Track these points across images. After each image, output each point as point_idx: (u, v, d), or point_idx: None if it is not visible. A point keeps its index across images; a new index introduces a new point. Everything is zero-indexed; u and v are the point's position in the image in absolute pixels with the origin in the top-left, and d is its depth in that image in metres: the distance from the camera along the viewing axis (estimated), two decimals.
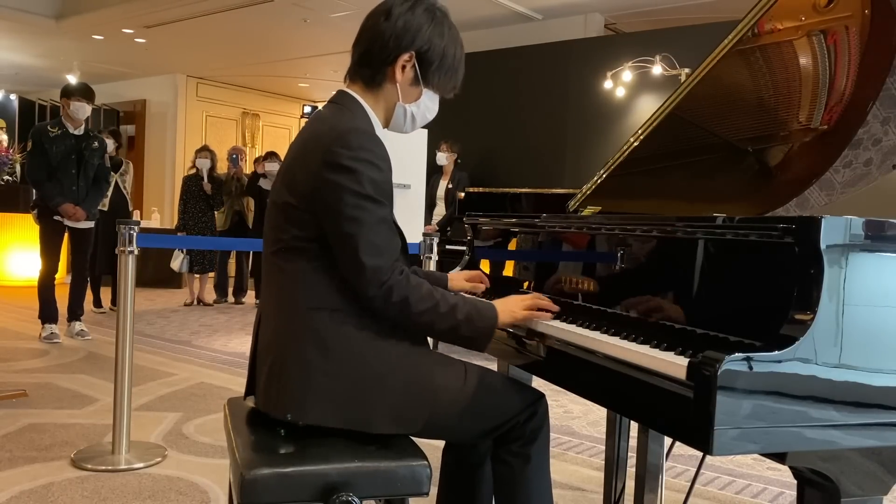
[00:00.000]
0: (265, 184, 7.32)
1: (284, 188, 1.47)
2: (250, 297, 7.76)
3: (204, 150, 7.37)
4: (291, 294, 1.44)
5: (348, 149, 1.37)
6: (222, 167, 7.86)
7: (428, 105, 1.57)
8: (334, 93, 1.55)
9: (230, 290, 7.76)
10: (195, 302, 7.41)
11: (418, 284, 1.41)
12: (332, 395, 1.40)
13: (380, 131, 1.52)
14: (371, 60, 1.50)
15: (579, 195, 2.07)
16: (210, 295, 7.57)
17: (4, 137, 7.13)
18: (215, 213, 7.38)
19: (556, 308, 1.59)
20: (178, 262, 7.31)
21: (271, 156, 7.47)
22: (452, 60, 1.54)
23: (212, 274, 7.65)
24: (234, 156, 7.65)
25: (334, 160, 1.37)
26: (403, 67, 1.50)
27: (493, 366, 1.99)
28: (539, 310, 1.56)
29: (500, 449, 1.56)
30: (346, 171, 1.36)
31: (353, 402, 1.40)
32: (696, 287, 1.34)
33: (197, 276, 7.44)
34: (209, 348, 5.13)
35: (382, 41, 1.48)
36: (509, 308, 1.53)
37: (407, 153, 5.02)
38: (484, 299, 1.64)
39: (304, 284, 1.43)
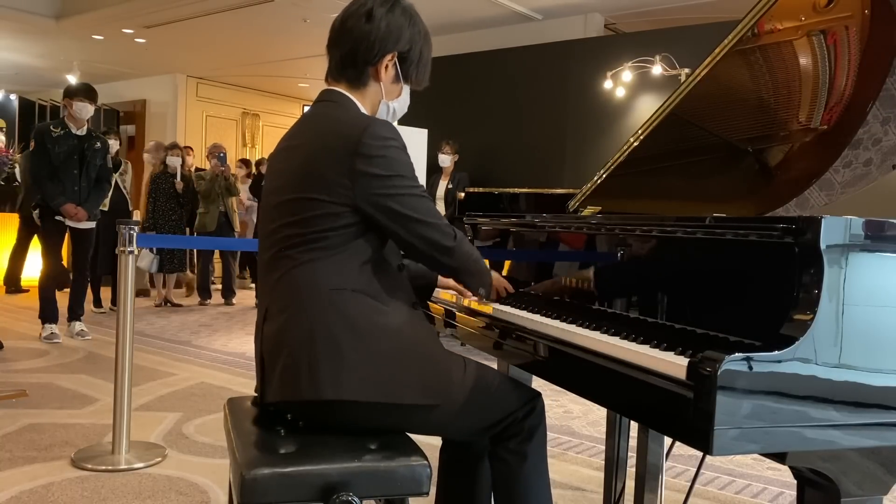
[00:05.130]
0: None
1: (299, 186, 1.48)
2: (245, 297, 7.71)
3: (175, 148, 7.23)
4: (310, 281, 1.45)
5: (377, 138, 1.45)
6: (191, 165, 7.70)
7: (405, 100, 1.67)
8: (321, 92, 1.63)
9: (222, 291, 7.62)
10: (164, 303, 7.25)
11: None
12: (366, 370, 1.41)
13: None
14: (356, 61, 1.57)
15: (579, 195, 2.07)
16: (177, 296, 7.46)
17: (2, 138, 7.10)
18: (199, 213, 7.23)
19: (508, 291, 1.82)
20: (146, 261, 7.02)
21: None
22: (427, 57, 1.65)
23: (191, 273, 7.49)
24: (221, 154, 7.36)
25: (369, 152, 1.44)
26: (386, 67, 1.58)
27: (494, 366, 1.99)
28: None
29: (497, 447, 1.56)
30: (383, 159, 1.45)
31: (385, 374, 1.43)
32: (695, 287, 1.34)
33: (165, 275, 7.24)
34: (209, 348, 5.13)
35: (368, 43, 1.55)
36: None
37: None
38: None
39: (325, 271, 1.46)
